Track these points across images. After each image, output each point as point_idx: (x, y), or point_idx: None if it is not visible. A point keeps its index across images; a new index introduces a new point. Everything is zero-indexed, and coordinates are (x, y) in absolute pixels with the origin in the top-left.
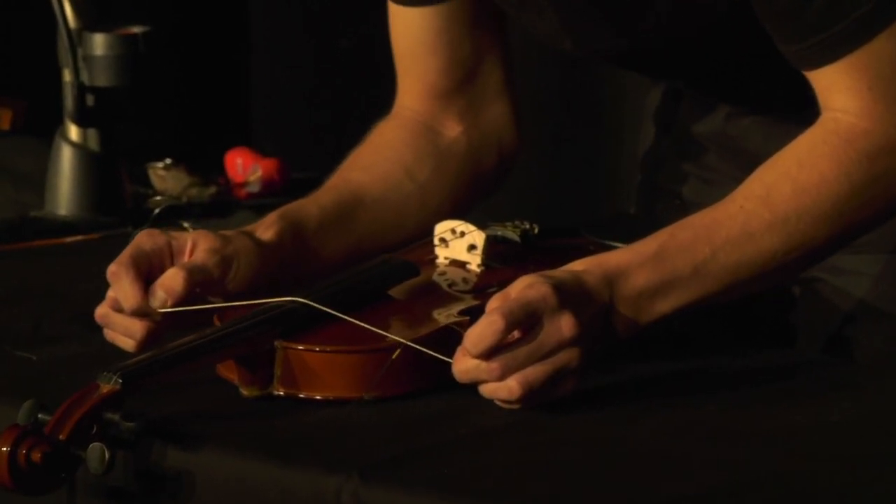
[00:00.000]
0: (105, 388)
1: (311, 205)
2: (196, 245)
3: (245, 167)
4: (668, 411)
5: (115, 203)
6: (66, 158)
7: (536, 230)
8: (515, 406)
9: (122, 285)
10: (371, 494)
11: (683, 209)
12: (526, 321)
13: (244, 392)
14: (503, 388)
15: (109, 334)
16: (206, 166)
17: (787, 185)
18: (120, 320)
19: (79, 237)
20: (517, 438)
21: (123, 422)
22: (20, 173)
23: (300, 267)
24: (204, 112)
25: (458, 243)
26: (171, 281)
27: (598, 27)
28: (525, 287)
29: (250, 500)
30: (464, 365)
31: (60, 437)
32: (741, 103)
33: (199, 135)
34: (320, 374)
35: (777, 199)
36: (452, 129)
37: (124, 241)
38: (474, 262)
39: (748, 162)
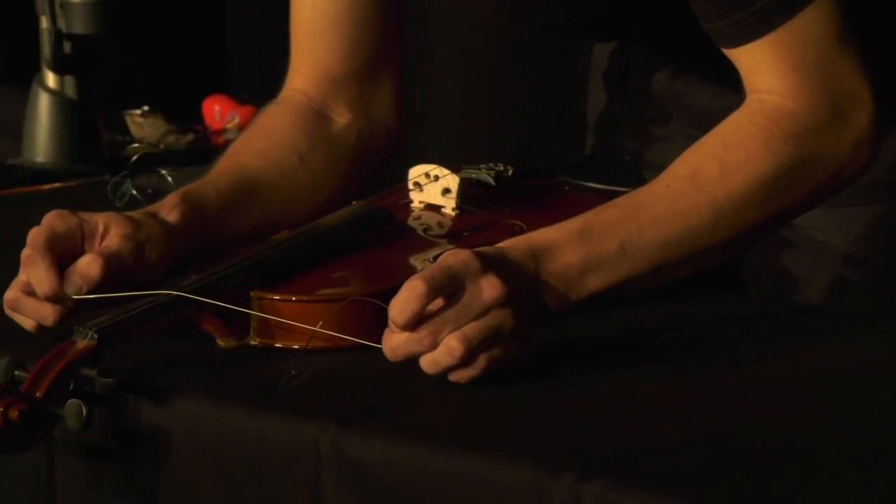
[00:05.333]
0: (81, 343)
1: (209, 188)
2: (108, 229)
3: (223, 114)
4: (646, 361)
5: (93, 150)
6: (43, 106)
7: (511, 172)
8: (465, 375)
9: (37, 270)
10: (350, 442)
11: (635, 166)
12: (448, 286)
13: (221, 343)
14: (443, 352)
15: (13, 315)
16: (184, 113)
17: (713, 165)
18: (32, 305)
19: (56, 185)
20: (497, 387)
21: (100, 377)
22: None
23: (201, 249)
24: (181, 59)
25: (433, 187)
26: (88, 268)
27: (540, 2)
28: (446, 256)
29: (229, 450)
30: (392, 341)
31: (37, 394)
32: (687, 61)
33: (176, 82)
34: (296, 323)
35: (704, 179)
36: (343, 117)
37: (101, 188)
38: (449, 205)
39: (697, 118)
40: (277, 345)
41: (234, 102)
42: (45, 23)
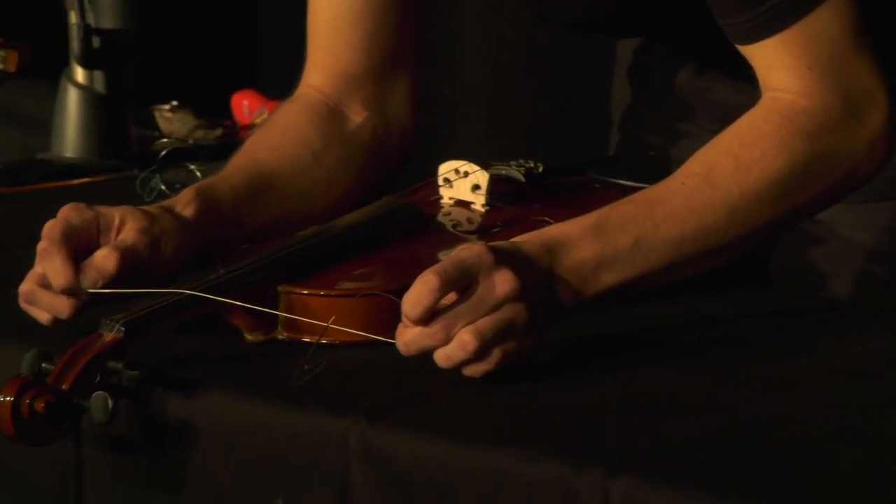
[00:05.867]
0: (108, 336)
1: (224, 184)
2: (124, 223)
3: (251, 109)
4: (672, 356)
5: (122, 145)
6: (72, 101)
7: (541, 169)
8: (479, 369)
9: (53, 263)
10: (378, 437)
11: (658, 161)
12: (461, 280)
13: (248, 337)
14: (456, 346)
15: (28, 307)
16: (213, 109)
17: (728, 162)
18: (47, 298)
19: (85, 180)
20: (525, 382)
21: (127, 370)
22: (26, 116)
23: (215, 245)
24: (210, 54)
25: (462, 183)
26: (104, 262)
27: None
28: (459, 250)
29: (257, 445)
30: (406, 336)
31: (63, 386)
32: (708, 57)
33: (205, 77)
34: (324, 318)
35: (719, 176)
36: (358, 115)
37: (130, 183)
38: (479, 202)
39: (721, 114)
40: (305, 339)
41: (263, 98)
42: (74, 18)
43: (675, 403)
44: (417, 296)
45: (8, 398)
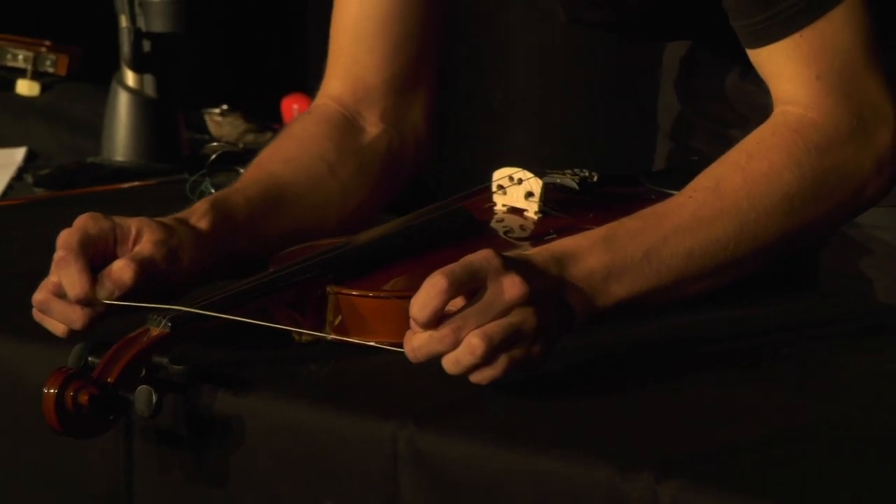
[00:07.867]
0: (154, 331)
1: (238, 196)
2: (140, 234)
3: (301, 113)
4: (720, 361)
5: (172, 149)
6: (122, 104)
7: (596, 178)
8: (486, 375)
9: (69, 273)
10: (427, 441)
11: (703, 164)
12: (469, 282)
13: (296, 338)
14: (464, 351)
15: (42, 318)
16: (263, 112)
17: (736, 175)
18: (61, 307)
19: (135, 183)
20: (573, 385)
21: (171, 365)
22: (77, 119)
23: (229, 258)
24: (261, 58)
25: (516, 190)
26: (121, 272)
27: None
28: (468, 255)
29: (304, 447)
30: (414, 341)
31: (108, 379)
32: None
33: (255, 81)
34: (372, 319)
35: (727, 189)
36: (375, 126)
37: (180, 186)
38: (532, 209)
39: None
40: (353, 340)
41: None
42: (124, 21)
43: (723, 408)
44: (425, 298)
45: (52, 390)
